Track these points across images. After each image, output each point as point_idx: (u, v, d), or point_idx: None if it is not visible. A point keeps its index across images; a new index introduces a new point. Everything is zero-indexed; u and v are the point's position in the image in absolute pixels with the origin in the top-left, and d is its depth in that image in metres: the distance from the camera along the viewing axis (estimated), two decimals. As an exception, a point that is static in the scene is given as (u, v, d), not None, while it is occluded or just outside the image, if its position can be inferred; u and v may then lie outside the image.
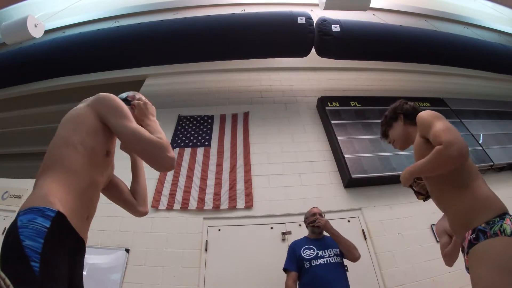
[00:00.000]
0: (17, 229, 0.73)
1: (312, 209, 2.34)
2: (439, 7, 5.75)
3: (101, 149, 0.98)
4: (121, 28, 3.76)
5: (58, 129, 0.98)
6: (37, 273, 0.68)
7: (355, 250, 2.05)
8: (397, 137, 1.45)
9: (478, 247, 0.99)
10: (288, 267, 2.08)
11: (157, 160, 0.94)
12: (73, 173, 0.88)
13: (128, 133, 0.94)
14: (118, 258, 2.58)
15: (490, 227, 0.99)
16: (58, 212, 0.78)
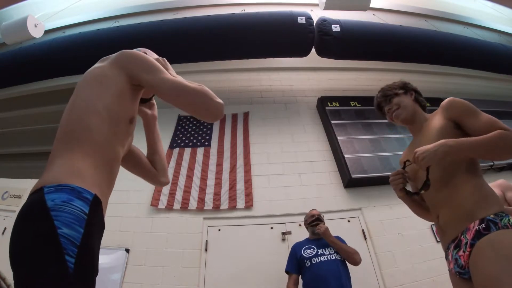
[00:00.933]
0: (48, 210, 0.57)
1: (311, 211, 2.37)
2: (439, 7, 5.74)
3: (126, 116, 0.85)
4: (121, 28, 3.76)
5: (77, 90, 0.83)
6: (71, 270, 0.55)
7: (356, 255, 2.07)
8: (404, 105, 1.30)
9: (490, 237, 0.91)
10: (289, 269, 2.13)
11: (208, 108, 0.85)
12: (99, 145, 0.74)
13: (171, 86, 0.83)
14: (118, 258, 2.58)
15: (500, 218, 0.94)
16: (95, 196, 0.66)
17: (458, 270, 1.01)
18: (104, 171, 0.75)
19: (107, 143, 0.77)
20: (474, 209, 0.99)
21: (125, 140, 0.89)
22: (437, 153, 1.01)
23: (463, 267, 0.98)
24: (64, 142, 0.73)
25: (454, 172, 1.07)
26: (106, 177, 0.77)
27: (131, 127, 0.89)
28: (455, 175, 1.06)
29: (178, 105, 0.88)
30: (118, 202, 2.96)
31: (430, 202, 1.18)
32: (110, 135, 0.78)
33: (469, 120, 1.09)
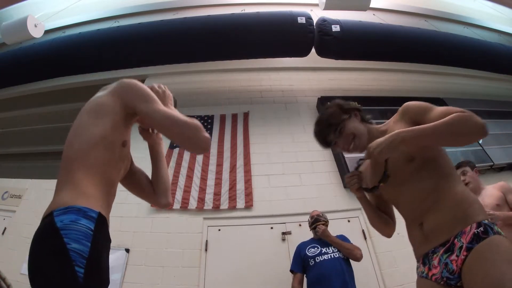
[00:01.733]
0: (58, 230, 0.66)
1: (312, 212, 2.38)
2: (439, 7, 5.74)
3: (119, 141, 0.92)
4: (121, 28, 3.76)
5: (79, 118, 0.91)
6: (81, 279, 0.63)
7: (356, 250, 2.09)
8: (359, 133, 1.15)
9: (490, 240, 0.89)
10: (294, 268, 2.16)
11: (194, 142, 0.91)
12: (97, 169, 0.84)
13: (162, 117, 0.88)
14: (118, 258, 2.58)
15: (493, 225, 0.94)
16: (99, 213, 0.76)
17: (447, 275, 0.95)
18: (104, 192, 0.84)
19: (104, 167, 0.86)
20: (469, 213, 0.97)
21: (120, 162, 0.96)
22: (393, 143, 0.99)
23: (453, 272, 0.93)
24: (67, 169, 0.82)
25: (437, 182, 1.05)
26: (106, 197, 0.85)
27: (124, 150, 0.96)
28: (443, 184, 1.04)
29: (169, 135, 0.96)
30: (118, 202, 2.94)
31: (410, 212, 1.13)
32: (106, 160, 0.87)
33: (426, 116, 1.06)
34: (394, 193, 1.17)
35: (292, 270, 2.16)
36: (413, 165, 1.08)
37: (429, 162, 1.07)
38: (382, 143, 1.00)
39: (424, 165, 1.07)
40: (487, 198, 2.06)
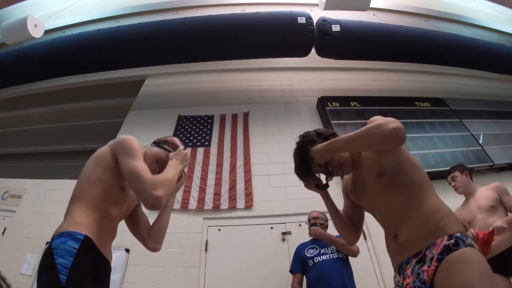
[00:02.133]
0: (52, 250, 0.90)
1: (311, 213, 2.36)
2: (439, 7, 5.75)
3: (117, 184, 1.11)
4: (121, 28, 3.76)
5: (85, 166, 1.15)
6: (63, 283, 0.84)
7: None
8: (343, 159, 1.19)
9: (460, 253, 0.92)
10: (293, 269, 2.16)
11: (144, 199, 1.00)
12: (93, 205, 1.05)
13: (127, 170, 1.03)
14: (118, 258, 2.57)
15: (465, 238, 0.96)
16: (86, 236, 0.96)
17: (419, 285, 0.98)
18: (98, 222, 1.04)
19: (99, 202, 1.06)
20: (441, 225, 1.00)
21: (120, 202, 1.15)
22: (329, 149, 1.11)
23: (425, 282, 0.96)
24: (71, 203, 1.07)
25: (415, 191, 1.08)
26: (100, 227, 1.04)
27: (123, 193, 1.15)
28: (415, 196, 1.07)
29: (130, 187, 1.11)
30: (118, 202, 2.96)
31: (385, 224, 1.19)
32: (103, 197, 1.07)
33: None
34: (370, 206, 1.24)
35: (292, 270, 2.17)
36: (383, 180, 1.11)
37: (399, 175, 1.09)
38: (322, 149, 1.12)
39: (394, 179, 1.10)
40: (481, 200, 2.05)
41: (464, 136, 3.70)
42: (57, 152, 5.23)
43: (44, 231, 2.77)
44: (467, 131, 3.75)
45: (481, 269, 0.89)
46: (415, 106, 4.01)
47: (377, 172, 1.12)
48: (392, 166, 1.10)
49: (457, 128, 3.81)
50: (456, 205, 2.24)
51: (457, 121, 3.89)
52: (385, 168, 1.11)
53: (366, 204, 1.25)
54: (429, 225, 1.01)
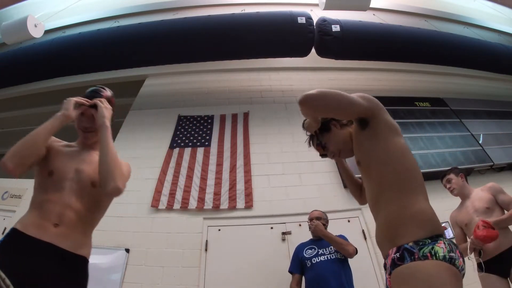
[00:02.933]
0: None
1: (313, 212, 2.36)
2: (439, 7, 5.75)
3: (43, 171, 1.12)
4: (121, 28, 3.76)
5: None
6: None
7: (348, 246, 2.07)
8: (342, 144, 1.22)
9: (402, 269, 0.83)
10: (292, 269, 2.16)
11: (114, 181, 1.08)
12: (34, 194, 1.12)
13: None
14: (118, 258, 2.58)
15: (419, 247, 0.83)
16: (12, 229, 1.03)
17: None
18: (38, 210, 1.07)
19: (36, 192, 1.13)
20: (394, 234, 0.91)
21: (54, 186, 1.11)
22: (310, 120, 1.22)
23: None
24: None
25: (384, 188, 0.98)
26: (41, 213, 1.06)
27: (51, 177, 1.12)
28: (384, 193, 0.97)
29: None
30: (118, 202, 2.95)
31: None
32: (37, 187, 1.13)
33: None
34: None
35: (291, 271, 2.16)
36: (361, 169, 1.10)
37: (375, 167, 1.01)
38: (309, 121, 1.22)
39: (369, 170, 1.04)
40: (477, 201, 2.06)
41: (464, 136, 3.70)
42: (57, 152, 5.22)
43: (44, 231, 2.78)
44: (467, 131, 3.76)
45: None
46: (415, 106, 4.01)
47: (356, 160, 1.12)
48: (364, 156, 1.06)
49: (457, 128, 3.81)
50: (453, 207, 2.24)
51: (457, 121, 3.89)
52: (359, 157, 1.09)
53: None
54: (386, 233, 0.95)
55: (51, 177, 1.11)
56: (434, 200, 0.99)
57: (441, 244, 0.83)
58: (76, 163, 1.17)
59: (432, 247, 0.82)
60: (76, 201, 1.11)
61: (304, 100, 0.96)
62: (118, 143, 3.58)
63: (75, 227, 1.09)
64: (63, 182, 1.11)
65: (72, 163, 1.17)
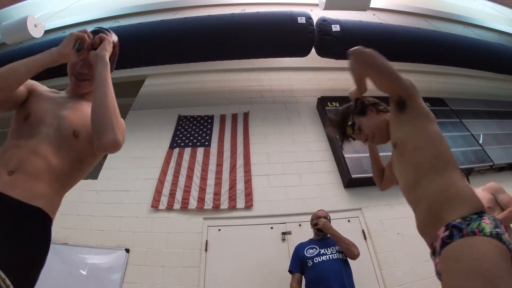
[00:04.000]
0: None
1: (317, 212, 2.36)
2: (439, 7, 5.75)
3: (20, 115, 0.95)
4: (121, 28, 3.76)
5: None
6: None
7: (354, 247, 2.08)
8: (378, 129, 1.21)
9: (452, 247, 0.82)
10: (292, 269, 2.15)
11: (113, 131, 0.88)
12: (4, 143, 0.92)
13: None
14: (118, 258, 2.58)
15: (467, 223, 0.83)
16: None
17: (438, 276, 0.94)
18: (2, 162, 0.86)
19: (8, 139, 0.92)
20: (440, 214, 0.91)
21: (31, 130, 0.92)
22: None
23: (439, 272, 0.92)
24: None
25: (422, 171, 0.99)
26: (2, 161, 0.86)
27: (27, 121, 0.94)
28: (424, 175, 0.98)
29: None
30: (118, 202, 2.96)
31: (407, 200, 1.10)
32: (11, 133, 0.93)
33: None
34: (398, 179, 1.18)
35: (291, 270, 2.15)
36: (397, 151, 1.10)
37: (415, 151, 1.02)
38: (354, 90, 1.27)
39: (405, 153, 1.06)
40: None
41: (464, 136, 3.71)
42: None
43: (44, 231, 2.77)
44: (467, 131, 3.76)
45: (472, 268, 0.76)
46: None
47: (393, 143, 1.12)
48: (402, 139, 1.07)
49: (457, 128, 3.81)
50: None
51: (457, 121, 3.89)
52: (398, 140, 1.09)
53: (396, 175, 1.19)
54: (430, 216, 0.95)
55: (26, 121, 0.93)
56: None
57: (486, 219, 0.84)
58: (59, 109, 0.97)
59: (479, 223, 0.83)
60: (49, 149, 0.89)
61: (360, 52, 1.04)
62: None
63: (39, 177, 0.85)
64: (38, 127, 0.91)
65: (54, 107, 0.97)
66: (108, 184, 3.12)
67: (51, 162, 0.88)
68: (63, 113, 0.96)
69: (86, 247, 2.65)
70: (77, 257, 2.60)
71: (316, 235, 2.27)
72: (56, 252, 2.63)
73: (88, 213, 2.87)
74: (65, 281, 2.47)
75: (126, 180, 3.15)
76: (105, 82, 0.93)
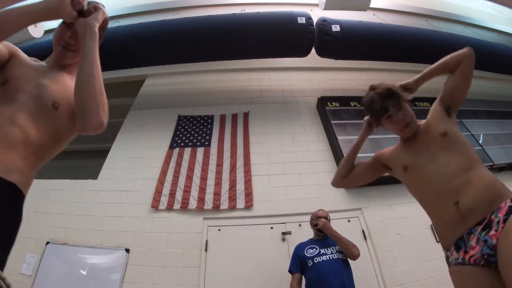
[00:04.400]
0: None
1: (317, 211, 2.36)
2: (439, 7, 5.75)
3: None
4: (121, 28, 3.76)
5: None
6: None
7: (354, 248, 2.08)
8: (415, 118, 1.31)
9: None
10: (293, 269, 2.15)
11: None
12: None
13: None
14: (118, 258, 2.58)
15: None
16: None
17: (487, 252, 0.94)
18: None
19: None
20: (503, 190, 1.04)
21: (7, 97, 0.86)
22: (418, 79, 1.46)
23: (494, 246, 0.93)
24: None
25: (472, 160, 1.13)
26: None
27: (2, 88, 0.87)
28: (474, 165, 1.11)
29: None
30: (118, 202, 2.96)
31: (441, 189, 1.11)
32: None
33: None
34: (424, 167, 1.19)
35: (291, 270, 2.15)
36: (446, 140, 1.18)
37: (460, 143, 1.17)
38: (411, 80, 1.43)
39: (455, 143, 1.17)
40: None
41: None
42: (57, 152, 5.22)
43: (44, 231, 2.77)
44: (467, 131, 3.75)
45: None
46: (415, 106, 3.98)
47: (442, 132, 1.20)
48: (454, 131, 1.21)
49: (457, 128, 3.80)
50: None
51: (457, 121, 3.89)
52: (448, 130, 1.20)
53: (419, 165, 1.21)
54: (492, 191, 1.04)
55: (3, 87, 0.86)
56: (434, 200, 0.99)
57: None
58: (39, 77, 0.92)
59: None
60: (27, 119, 0.83)
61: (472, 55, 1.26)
62: (118, 143, 3.58)
63: (15, 148, 0.79)
64: (16, 94, 0.85)
65: (34, 75, 0.91)
66: (108, 184, 3.12)
67: (28, 133, 0.82)
68: (43, 82, 0.91)
69: (86, 247, 2.65)
70: (77, 257, 2.61)
71: (316, 235, 2.27)
72: (56, 252, 2.64)
73: (88, 213, 2.87)
74: (65, 281, 2.48)
75: (126, 180, 3.15)
76: (93, 57, 0.88)
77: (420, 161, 1.21)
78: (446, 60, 1.35)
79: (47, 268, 2.54)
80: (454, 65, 1.33)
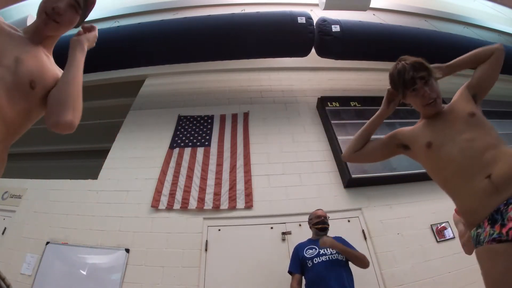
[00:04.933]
0: None
1: (316, 211, 2.35)
2: (439, 7, 5.75)
3: None
4: (121, 28, 3.76)
5: None
6: None
7: (365, 259, 2.06)
8: (441, 98, 1.30)
9: None
10: (292, 269, 2.14)
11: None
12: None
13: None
14: (118, 258, 2.58)
15: None
16: None
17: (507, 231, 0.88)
18: None
19: None
20: None
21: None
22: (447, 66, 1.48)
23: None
24: None
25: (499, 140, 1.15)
26: None
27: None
28: (497, 142, 1.13)
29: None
30: (118, 202, 2.97)
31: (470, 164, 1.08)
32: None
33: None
34: (450, 142, 1.17)
35: (291, 271, 2.14)
36: (474, 120, 1.19)
37: (489, 127, 1.19)
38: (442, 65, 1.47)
39: (485, 125, 1.18)
40: None
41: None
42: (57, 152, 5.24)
43: (44, 231, 2.78)
44: (467, 131, 3.75)
45: None
46: (415, 106, 4.01)
47: (470, 112, 1.21)
48: (480, 114, 1.23)
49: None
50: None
51: (457, 121, 3.89)
52: (476, 112, 1.22)
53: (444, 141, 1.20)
54: None
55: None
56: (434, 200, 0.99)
57: None
58: (18, 51, 0.86)
59: None
60: (3, 95, 0.77)
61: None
62: (118, 143, 3.58)
63: None
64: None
65: (13, 47, 0.85)
66: (108, 184, 3.12)
67: (3, 110, 0.77)
68: (22, 56, 0.85)
69: (86, 247, 2.65)
70: (77, 257, 2.61)
71: (315, 235, 2.26)
72: (56, 252, 2.64)
73: (88, 213, 2.88)
74: (65, 281, 2.48)
75: (126, 180, 3.15)
76: (78, 66, 0.96)
77: (446, 137, 1.19)
78: (478, 51, 1.35)
79: (47, 268, 2.55)
80: (486, 56, 1.32)
